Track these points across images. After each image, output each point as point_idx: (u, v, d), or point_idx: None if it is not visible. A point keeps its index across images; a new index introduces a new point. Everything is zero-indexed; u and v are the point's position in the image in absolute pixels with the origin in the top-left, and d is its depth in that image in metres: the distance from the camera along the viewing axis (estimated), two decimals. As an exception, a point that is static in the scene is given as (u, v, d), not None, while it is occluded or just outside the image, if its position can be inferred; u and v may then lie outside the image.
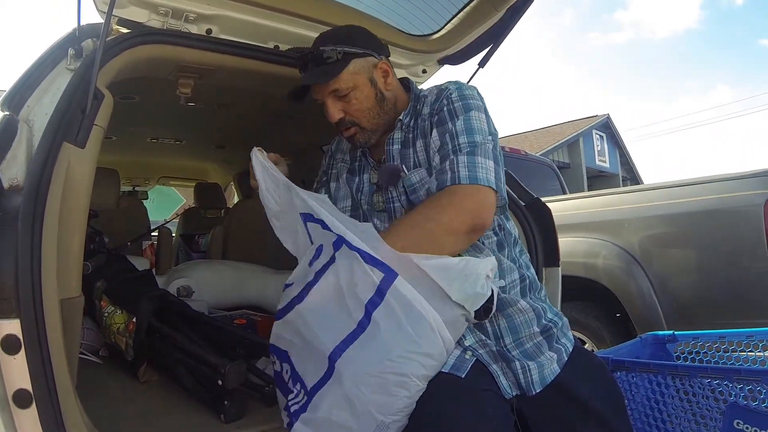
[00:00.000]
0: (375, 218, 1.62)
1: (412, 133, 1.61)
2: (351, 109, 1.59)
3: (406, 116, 1.62)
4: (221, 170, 5.62)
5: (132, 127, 3.72)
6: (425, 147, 1.56)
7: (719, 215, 2.91)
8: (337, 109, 1.60)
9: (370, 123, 1.61)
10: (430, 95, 1.62)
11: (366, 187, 1.67)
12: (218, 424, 1.69)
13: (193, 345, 1.91)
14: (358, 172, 1.71)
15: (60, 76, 1.52)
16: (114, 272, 2.44)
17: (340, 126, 1.63)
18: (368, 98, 1.60)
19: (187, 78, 2.08)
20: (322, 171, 1.86)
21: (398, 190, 1.57)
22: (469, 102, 1.52)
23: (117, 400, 1.86)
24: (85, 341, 2.29)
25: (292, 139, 3.72)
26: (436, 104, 1.56)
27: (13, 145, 1.33)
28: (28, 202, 1.25)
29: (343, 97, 1.59)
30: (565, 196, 4.20)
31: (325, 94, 1.60)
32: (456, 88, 1.56)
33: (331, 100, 1.60)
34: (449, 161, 1.43)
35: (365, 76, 1.60)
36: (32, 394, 1.19)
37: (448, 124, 1.50)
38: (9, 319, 1.18)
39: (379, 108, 1.62)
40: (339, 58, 1.57)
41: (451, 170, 1.41)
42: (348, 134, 1.63)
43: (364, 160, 1.70)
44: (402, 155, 1.60)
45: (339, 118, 1.60)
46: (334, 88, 1.57)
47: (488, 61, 2.29)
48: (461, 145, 1.44)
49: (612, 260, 3.29)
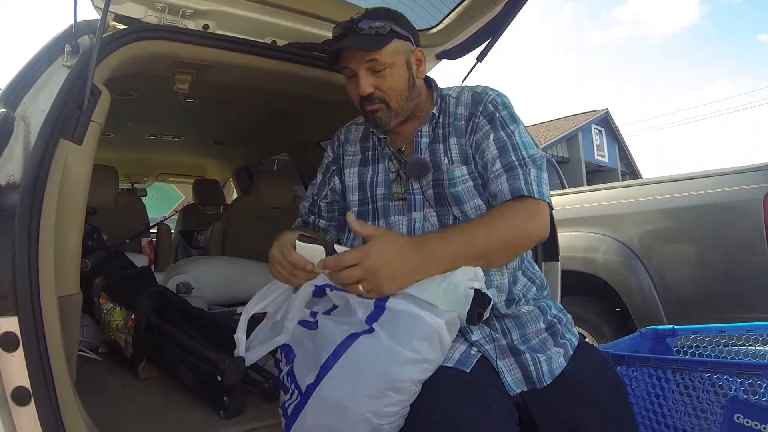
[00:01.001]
0: (392, 209, 1.62)
1: (443, 129, 1.62)
2: (384, 85, 1.55)
3: (437, 111, 1.63)
4: (220, 166, 5.62)
5: (130, 123, 3.72)
6: (460, 146, 1.58)
7: (719, 210, 2.90)
8: (369, 82, 1.55)
9: (398, 104, 1.58)
10: (461, 95, 1.64)
11: (382, 176, 1.66)
12: (218, 420, 1.69)
13: (192, 341, 1.90)
14: (372, 162, 1.70)
15: (57, 72, 1.52)
16: (113, 269, 2.43)
17: (367, 101, 1.57)
18: (402, 79, 1.57)
19: (185, 74, 2.08)
20: (329, 161, 1.82)
21: (422, 183, 1.58)
22: (513, 112, 1.59)
23: (116, 397, 1.86)
24: (85, 338, 2.28)
25: (290, 135, 3.71)
26: (479, 107, 1.58)
27: (9, 142, 1.32)
28: (25, 199, 1.24)
29: (379, 72, 1.55)
30: (564, 191, 4.19)
31: (361, 65, 1.54)
32: (497, 95, 1.60)
33: (364, 71, 1.55)
34: (523, 171, 1.47)
35: (403, 58, 1.58)
36: (31, 391, 1.19)
37: (503, 133, 1.53)
38: (7, 317, 1.18)
39: (409, 92, 1.59)
40: (384, 34, 1.53)
41: (525, 180, 1.45)
42: (371, 108, 1.57)
43: (379, 149, 1.69)
44: (432, 149, 1.60)
45: (369, 92, 1.55)
46: (373, 58, 1.53)
47: (486, 56, 2.29)
48: (528, 159, 1.49)
49: (612, 255, 3.29)
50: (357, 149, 1.75)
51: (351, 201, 1.69)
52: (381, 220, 1.63)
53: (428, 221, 1.56)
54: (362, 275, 1.28)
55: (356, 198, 1.69)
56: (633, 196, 3.37)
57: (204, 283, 2.95)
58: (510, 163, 1.49)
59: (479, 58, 2.30)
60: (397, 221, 1.60)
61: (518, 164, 1.48)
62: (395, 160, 1.65)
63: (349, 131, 1.81)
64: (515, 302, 1.50)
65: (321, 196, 1.78)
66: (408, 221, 1.58)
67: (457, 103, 1.63)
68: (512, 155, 1.49)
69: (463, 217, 1.53)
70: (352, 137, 1.79)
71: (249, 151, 4.79)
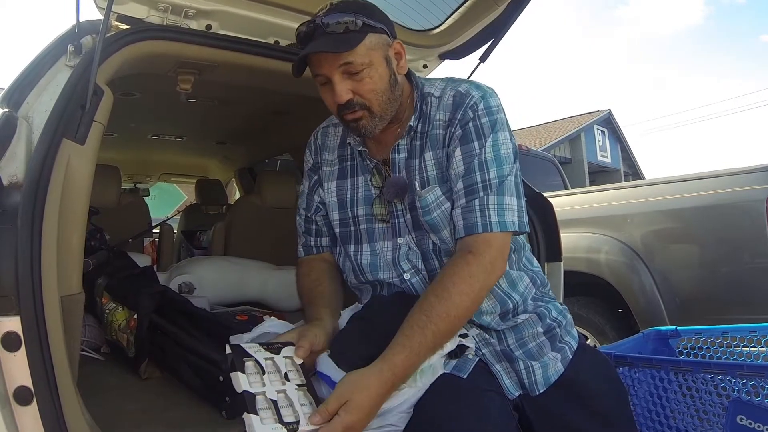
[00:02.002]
0: (377, 233, 1.53)
1: (420, 140, 1.49)
2: (363, 89, 1.38)
3: (415, 121, 1.49)
4: (222, 166, 5.63)
5: (133, 123, 3.73)
6: (436, 160, 1.46)
7: (721, 210, 2.91)
8: (345, 88, 1.37)
9: (381, 108, 1.41)
10: (443, 97, 1.48)
11: (362, 192, 1.55)
12: (220, 420, 1.68)
13: (195, 341, 1.90)
14: (350, 175, 1.58)
15: (59, 72, 1.52)
16: (115, 269, 2.43)
17: (346, 109, 1.40)
18: (382, 78, 1.40)
19: (187, 74, 2.08)
20: (309, 168, 1.69)
21: (403, 205, 1.48)
22: (495, 118, 1.42)
23: (118, 396, 1.86)
24: (87, 338, 2.28)
25: (293, 135, 3.71)
26: (458, 113, 1.43)
27: (12, 142, 1.32)
28: (27, 199, 1.25)
29: (355, 75, 1.37)
30: (567, 192, 4.20)
31: (334, 69, 1.36)
32: (481, 98, 1.43)
33: (339, 76, 1.37)
34: (479, 200, 1.37)
35: (381, 54, 1.40)
36: (33, 391, 1.19)
37: (475, 145, 1.40)
38: (9, 317, 1.18)
39: (391, 92, 1.42)
40: (356, 29, 1.35)
41: (482, 212, 1.36)
42: (353, 117, 1.41)
43: (359, 160, 1.57)
44: (408, 166, 1.48)
45: (347, 98, 1.38)
46: (346, 61, 1.35)
47: (489, 56, 2.28)
48: (491, 182, 1.38)
49: (614, 256, 3.29)
50: (334, 158, 1.62)
51: (333, 221, 1.60)
52: (365, 244, 1.55)
53: (411, 249, 1.49)
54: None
55: (337, 218, 1.59)
56: (636, 197, 3.37)
57: (206, 283, 2.95)
58: (472, 185, 1.38)
59: (482, 58, 2.29)
60: (382, 247, 1.52)
61: (480, 187, 1.38)
62: (378, 174, 1.53)
63: (326, 135, 1.67)
64: (510, 313, 1.46)
65: (313, 211, 1.66)
66: (393, 247, 1.51)
67: (438, 105, 1.48)
68: (477, 175, 1.38)
69: (442, 244, 1.46)
70: (329, 142, 1.65)
71: (252, 151, 4.80)
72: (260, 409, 1.19)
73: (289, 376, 1.28)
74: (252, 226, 3.69)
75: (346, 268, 1.63)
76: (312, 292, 1.57)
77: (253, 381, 1.23)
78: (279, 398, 1.23)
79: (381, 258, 1.52)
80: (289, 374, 1.29)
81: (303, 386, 1.28)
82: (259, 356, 1.28)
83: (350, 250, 1.58)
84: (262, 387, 1.23)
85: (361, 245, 1.55)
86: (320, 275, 1.62)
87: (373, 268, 1.54)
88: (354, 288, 1.65)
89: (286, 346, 1.34)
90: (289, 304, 2.89)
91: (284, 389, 1.25)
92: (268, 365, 1.27)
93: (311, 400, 1.26)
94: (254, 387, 1.22)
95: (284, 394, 1.24)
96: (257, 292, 3.04)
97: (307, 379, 1.31)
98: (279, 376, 1.27)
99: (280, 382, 1.26)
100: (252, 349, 1.29)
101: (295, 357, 1.33)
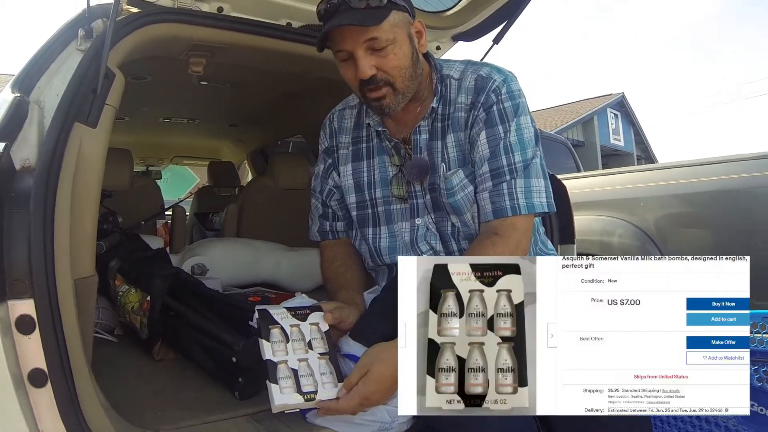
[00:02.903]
0: (395, 215, 1.53)
1: (442, 122, 1.49)
2: (387, 65, 1.37)
3: (437, 103, 1.49)
4: (235, 148, 5.62)
5: (145, 107, 3.73)
6: (458, 143, 1.47)
7: (735, 195, 2.88)
8: (369, 63, 1.36)
9: (404, 84, 1.41)
10: (464, 79, 1.50)
11: (379, 174, 1.56)
12: (232, 401, 1.69)
13: (208, 323, 1.91)
14: (366, 157, 1.59)
15: (70, 56, 1.51)
16: (128, 251, 2.44)
17: (369, 85, 1.39)
18: (406, 56, 1.40)
19: (199, 57, 2.07)
20: (324, 150, 1.68)
21: (423, 186, 1.50)
22: (518, 102, 1.44)
23: (132, 378, 1.88)
24: (101, 320, 2.30)
25: (305, 117, 3.70)
26: (481, 97, 1.44)
27: (24, 126, 1.32)
28: (40, 183, 1.25)
29: (379, 51, 1.36)
30: (580, 174, 4.17)
31: (358, 44, 1.35)
32: (503, 81, 1.45)
33: (363, 51, 1.36)
34: (506, 183, 1.39)
35: (404, 31, 1.40)
36: (47, 373, 1.20)
37: (499, 129, 1.42)
38: (23, 300, 1.19)
39: (413, 70, 1.42)
40: (381, 5, 1.34)
41: (510, 195, 1.39)
42: (377, 95, 1.40)
43: (375, 142, 1.58)
44: (429, 147, 1.49)
45: (371, 74, 1.37)
46: (372, 36, 1.34)
47: (503, 38, 2.26)
48: (516, 165, 1.40)
49: (627, 239, 3.27)
50: (349, 140, 1.62)
51: (350, 204, 1.61)
52: (383, 226, 1.56)
53: (430, 231, 1.50)
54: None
55: (354, 201, 1.59)
56: (650, 181, 3.34)
57: (219, 265, 2.96)
58: (498, 168, 1.41)
59: (496, 40, 2.27)
60: (401, 228, 1.53)
61: (506, 170, 1.40)
62: (396, 154, 1.54)
63: (342, 117, 1.67)
64: None
65: (326, 195, 1.67)
66: (411, 228, 1.52)
67: (459, 88, 1.49)
68: (502, 159, 1.41)
69: (462, 227, 1.48)
70: (345, 125, 1.65)
71: (264, 133, 4.79)
72: (281, 378, 1.25)
73: (312, 344, 1.31)
74: (264, 208, 3.69)
75: (362, 251, 1.65)
76: (340, 278, 1.60)
77: (277, 349, 1.27)
78: (300, 367, 1.27)
79: (399, 239, 1.54)
80: (313, 342, 1.32)
81: (325, 355, 1.31)
82: (286, 323, 1.32)
83: (368, 233, 1.59)
84: (284, 355, 1.27)
85: (379, 227, 1.56)
86: (345, 261, 1.64)
87: (391, 251, 1.55)
88: (371, 270, 1.66)
89: (314, 312, 1.36)
90: (301, 285, 2.89)
91: (306, 358, 1.29)
92: (293, 333, 1.31)
93: (332, 369, 1.30)
94: (277, 356, 1.27)
95: (306, 363, 1.28)
96: (270, 274, 3.05)
97: (330, 347, 1.33)
98: (303, 344, 1.31)
99: (304, 350, 1.30)
100: (279, 315, 1.33)
101: (322, 323, 1.35)
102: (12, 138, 1.29)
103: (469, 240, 1.50)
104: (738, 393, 1.02)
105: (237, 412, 1.60)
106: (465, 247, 1.51)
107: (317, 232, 1.73)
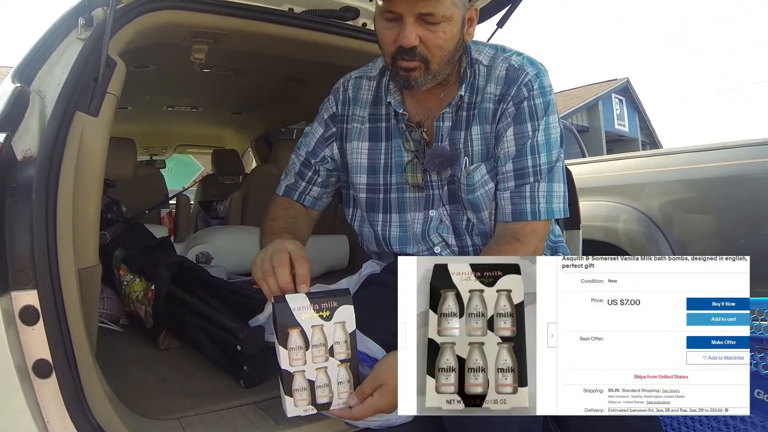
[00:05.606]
0: (408, 203, 1.49)
1: (467, 112, 1.44)
2: (432, 41, 1.30)
3: (465, 90, 1.43)
4: (238, 136, 5.61)
5: (147, 95, 3.72)
6: (483, 136, 1.42)
7: (741, 181, 2.86)
8: (415, 33, 1.28)
9: (439, 66, 1.34)
10: (494, 67, 1.43)
11: (396, 158, 1.49)
12: (238, 389, 1.70)
13: (212, 311, 1.91)
14: (384, 138, 1.51)
15: (71, 45, 1.50)
16: (132, 241, 2.45)
17: (404, 54, 1.32)
18: (453, 38, 1.33)
19: (201, 43, 2.06)
20: (330, 116, 1.59)
21: (441, 177, 1.45)
22: (548, 99, 1.39)
23: (137, 367, 1.88)
24: (105, 310, 2.31)
25: (308, 103, 3.68)
26: (512, 89, 1.39)
27: (25, 116, 1.32)
28: (41, 173, 1.24)
29: (431, 25, 1.29)
30: (585, 159, 4.15)
31: (411, 12, 1.27)
32: (536, 76, 1.39)
33: (413, 18, 1.28)
34: (530, 186, 1.37)
35: (460, 14, 1.33)
36: (52, 364, 1.19)
37: (527, 127, 1.37)
38: (26, 290, 1.18)
39: (453, 54, 1.36)
40: None
41: (532, 199, 1.36)
42: (408, 65, 1.33)
43: (393, 122, 1.50)
44: (452, 137, 1.44)
45: (413, 45, 1.29)
46: (430, 11, 1.27)
47: (507, 22, 2.24)
48: (541, 167, 1.37)
49: (632, 225, 3.25)
50: (365, 115, 1.54)
51: (358, 184, 1.53)
52: (394, 214, 1.51)
53: (443, 223, 1.47)
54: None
55: (364, 182, 1.53)
56: (655, 166, 3.32)
57: (224, 253, 2.96)
58: (523, 169, 1.37)
59: (500, 23, 2.25)
60: (413, 219, 1.49)
61: (531, 172, 1.37)
62: (412, 140, 1.48)
63: (358, 87, 1.58)
64: None
65: (318, 160, 1.59)
66: (424, 219, 1.48)
67: (488, 76, 1.43)
68: (528, 159, 1.37)
69: (478, 223, 1.45)
70: (362, 96, 1.56)
71: (267, 120, 4.77)
72: (296, 390, 1.17)
73: (334, 349, 1.20)
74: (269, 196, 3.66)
75: (364, 234, 1.60)
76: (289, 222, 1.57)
77: (295, 357, 1.17)
78: (318, 377, 1.19)
79: (410, 230, 1.50)
80: (335, 347, 1.20)
81: (346, 361, 1.21)
82: (307, 324, 1.18)
83: (376, 219, 1.54)
84: (302, 365, 1.18)
85: (389, 215, 1.52)
86: (299, 220, 1.60)
87: (402, 242, 1.51)
88: (372, 254, 1.64)
89: (341, 306, 1.21)
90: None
91: (325, 366, 1.20)
92: (314, 336, 1.19)
93: (350, 377, 1.21)
94: (294, 365, 1.17)
95: (324, 372, 1.19)
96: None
97: (353, 351, 1.23)
98: (324, 350, 1.19)
99: (324, 357, 1.19)
100: (300, 312, 1.19)
101: (349, 323, 1.21)
102: (13, 128, 1.29)
103: (482, 235, 1.47)
104: (738, 393, 1.02)
105: (242, 401, 1.61)
106: (478, 243, 1.48)
107: (286, 186, 1.68)
